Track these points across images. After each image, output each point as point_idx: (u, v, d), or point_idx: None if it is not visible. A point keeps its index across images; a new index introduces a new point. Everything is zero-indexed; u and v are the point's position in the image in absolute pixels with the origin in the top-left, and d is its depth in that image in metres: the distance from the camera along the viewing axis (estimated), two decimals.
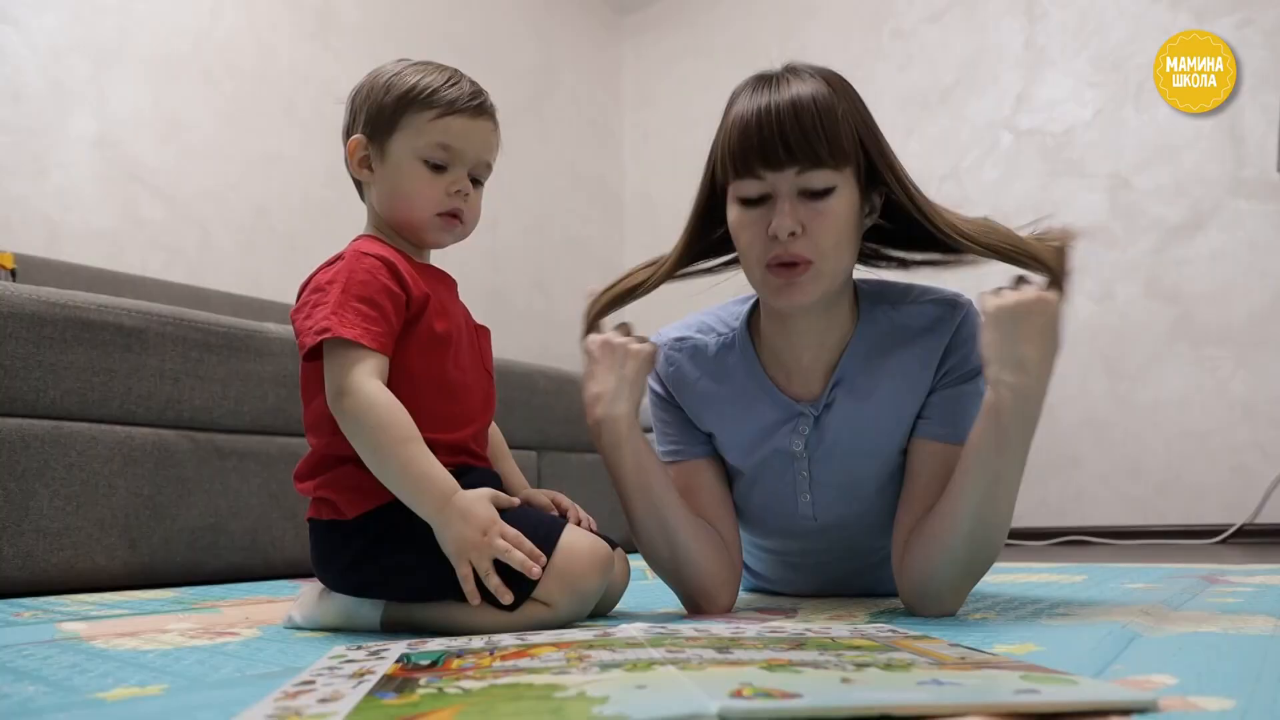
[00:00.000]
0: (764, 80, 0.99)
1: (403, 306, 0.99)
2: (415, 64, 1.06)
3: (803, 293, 0.98)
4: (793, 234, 0.95)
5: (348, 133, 1.08)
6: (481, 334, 1.16)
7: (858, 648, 0.70)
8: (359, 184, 1.10)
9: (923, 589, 1.00)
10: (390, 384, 0.98)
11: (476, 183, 1.07)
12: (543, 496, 1.12)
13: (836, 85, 0.98)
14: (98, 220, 2.54)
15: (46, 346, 1.53)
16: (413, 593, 0.97)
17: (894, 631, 0.82)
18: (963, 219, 1.02)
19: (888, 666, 0.62)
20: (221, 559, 1.74)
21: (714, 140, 1.02)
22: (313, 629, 1.02)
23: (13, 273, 2.10)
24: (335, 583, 1.01)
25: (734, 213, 1.00)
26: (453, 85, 1.04)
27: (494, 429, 1.18)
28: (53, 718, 0.56)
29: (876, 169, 0.99)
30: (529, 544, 0.91)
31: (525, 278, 3.81)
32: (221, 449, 1.77)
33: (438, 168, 1.03)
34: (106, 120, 2.57)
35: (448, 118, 1.02)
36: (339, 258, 1.01)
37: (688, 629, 0.83)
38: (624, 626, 0.88)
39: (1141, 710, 0.52)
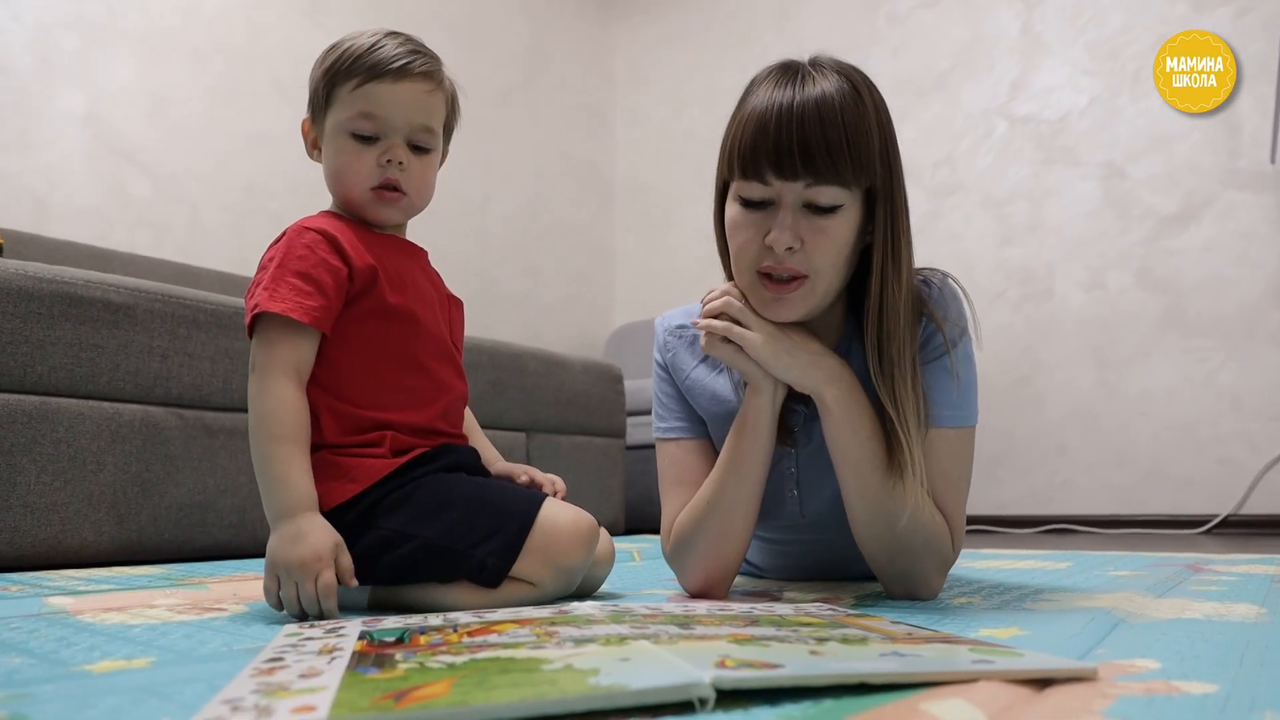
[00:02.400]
0: (789, 73, 0.94)
1: (344, 280, 0.98)
2: (356, 34, 1.03)
3: (791, 309, 0.96)
4: (790, 249, 0.92)
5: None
6: (454, 306, 1.13)
7: (807, 624, 0.72)
8: None
9: (881, 574, 1.03)
10: (350, 357, 0.98)
11: (421, 150, 1.02)
12: (519, 471, 1.12)
13: (865, 94, 0.93)
14: (85, 197, 2.52)
15: (34, 322, 1.52)
16: (395, 575, 0.97)
17: (834, 610, 0.84)
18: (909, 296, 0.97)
19: (845, 641, 0.64)
20: (209, 536, 1.74)
21: (726, 130, 0.97)
22: None
23: (0, 249, 2.08)
24: None
25: (732, 210, 0.97)
26: (375, 50, 0.99)
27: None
28: (39, 689, 0.56)
29: (882, 192, 0.95)
30: (332, 605, 0.86)
31: (515, 261, 3.80)
32: (210, 426, 1.76)
33: (365, 139, 0.99)
34: (94, 97, 2.54)
35: (368, 85, 0.98)
36: (283, 234, 1.00)
37: (640, 607, 0.84)
38: (577, 604, 0.89)
39: (1081, 679, 0.55)
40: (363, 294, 0.99)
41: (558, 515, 0.96)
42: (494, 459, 1.15)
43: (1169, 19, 3.04)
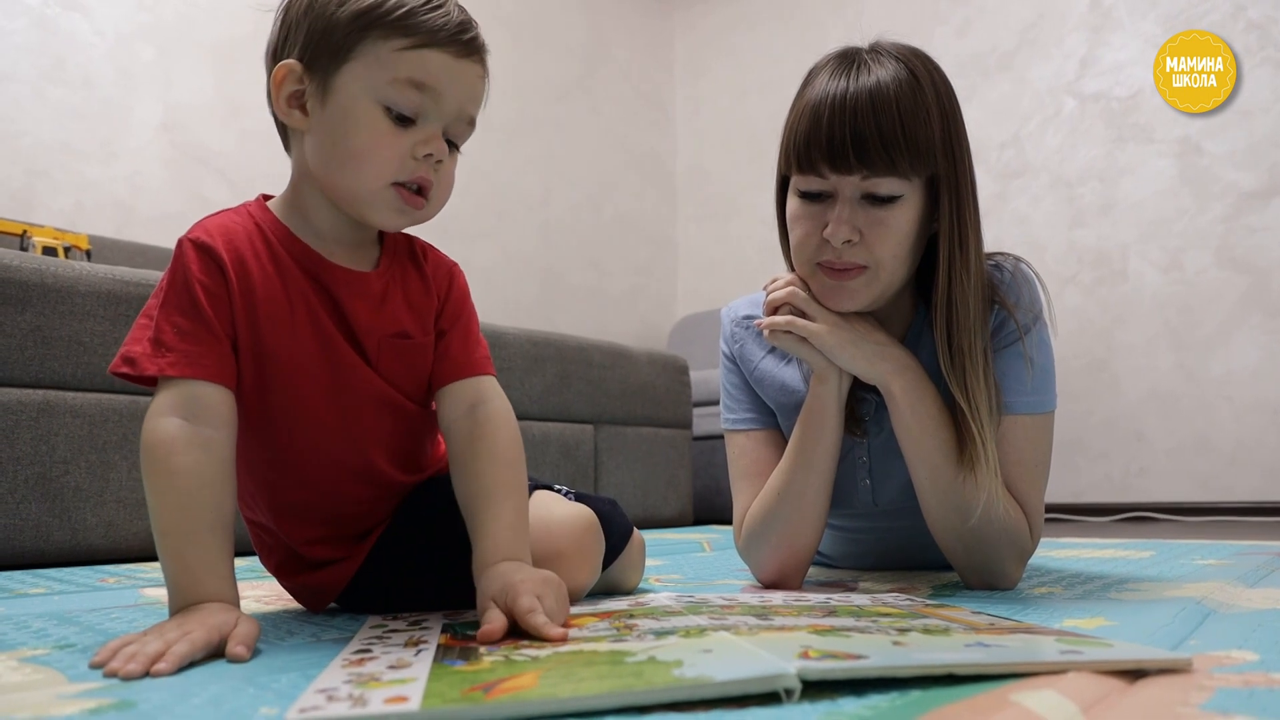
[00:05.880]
0: (845, 61, 0.92)
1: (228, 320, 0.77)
2: None
3: (853, 298, 0.95)
4: (848, 241, 0.92)
5: (274, 56, 0.80)
6: (390, 349, 0.83)
7: (886, 615, 0.71)
8: (284, 131, 0.84)
9: (958, 565, 1.01)
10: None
11: (454, 148, 0.81)
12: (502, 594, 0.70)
13: (925, 80, 0.92)
14: (166, 203, 2.61)
15: (123, 324, 1.58)
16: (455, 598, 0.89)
17: (911, 600, 0.83)
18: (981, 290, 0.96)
19: (927, 631, 0.63)
20: None
21: (785, 122, 0.96)
22: None
23: (88, 254, 2.17)
24: None
25: (792, 204, 0.96)
26: (434, 8, 0.77)
27: (487, 471, 0.80)
28: (144, 678, 0.59)
29: (945, 180, 0.93)
30: (164, 666, 0.59)
31: (578, 254, 3.83)
32: None
33: (404, 119, 0.76)
34: (172, 105, 2.63)
35: (426, 50, 0.76)
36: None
37: (715, 597, 0.84)
38: (654, 595, 0.89)
39: (1176, 670, 0.54)
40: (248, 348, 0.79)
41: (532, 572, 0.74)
42: (490, 556, 0.75)
43: None
